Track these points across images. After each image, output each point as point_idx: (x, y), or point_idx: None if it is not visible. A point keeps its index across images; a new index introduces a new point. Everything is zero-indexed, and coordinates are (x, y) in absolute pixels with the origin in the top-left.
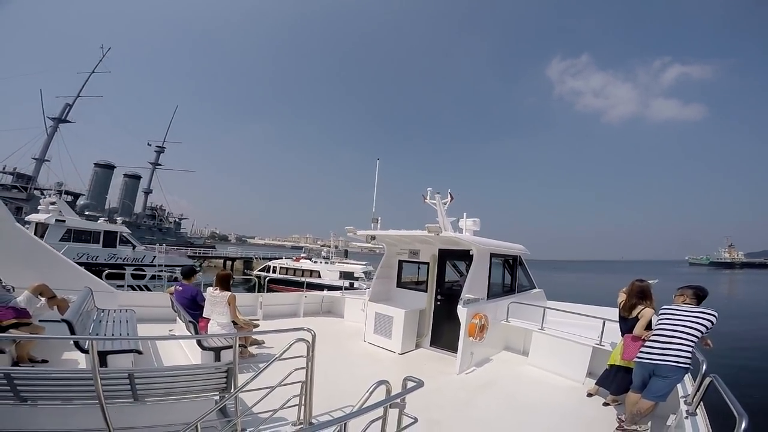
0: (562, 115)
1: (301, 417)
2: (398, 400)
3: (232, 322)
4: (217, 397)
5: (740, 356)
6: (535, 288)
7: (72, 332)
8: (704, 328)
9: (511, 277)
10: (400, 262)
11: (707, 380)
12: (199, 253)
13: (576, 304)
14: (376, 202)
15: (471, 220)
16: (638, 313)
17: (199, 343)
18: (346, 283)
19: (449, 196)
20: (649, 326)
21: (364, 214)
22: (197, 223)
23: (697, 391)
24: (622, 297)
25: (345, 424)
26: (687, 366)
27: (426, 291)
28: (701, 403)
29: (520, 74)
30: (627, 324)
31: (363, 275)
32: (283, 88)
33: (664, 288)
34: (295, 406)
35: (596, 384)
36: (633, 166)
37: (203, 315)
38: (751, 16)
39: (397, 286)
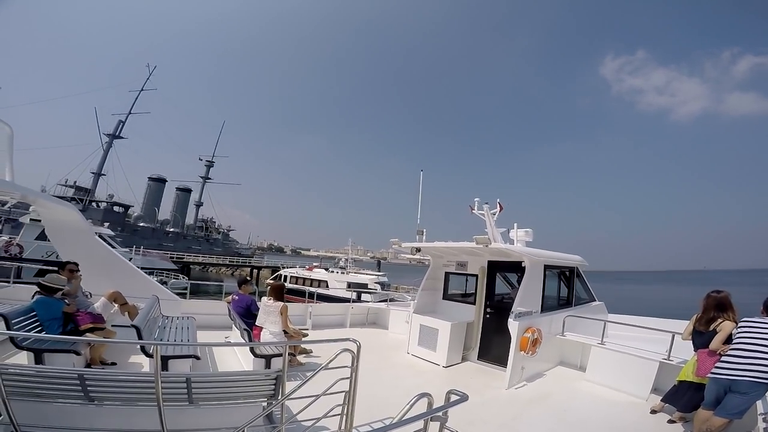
0: (623, 115)
1: (343, 427)
2: (440, 414)
3: (283, 331)
4: (265, 404)
5: None
6: (595, 301)
7: (140, 337)
8: None
9: (567, 289)
10: (447, 274)
11: None
12: (238, 262)
13: (641, 317)
14: (422, 213)
15: (523, 230)
16: (716, 326)
17: (251, 350)
18: (354, 295)
19: (498, 205)
20: (728, 341)
21: (412, 223)
22: (254, 235)
23: None
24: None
25: None
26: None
27: (474, 303)
28: None
29: (569, 75)
30: (702, 338)
31: (377, 286)
32: (333, 98)
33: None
34: (337, 415)
35: (662, 401)
36: (711, 166)
37: (256, 324)
38: None
39: (444, 299)
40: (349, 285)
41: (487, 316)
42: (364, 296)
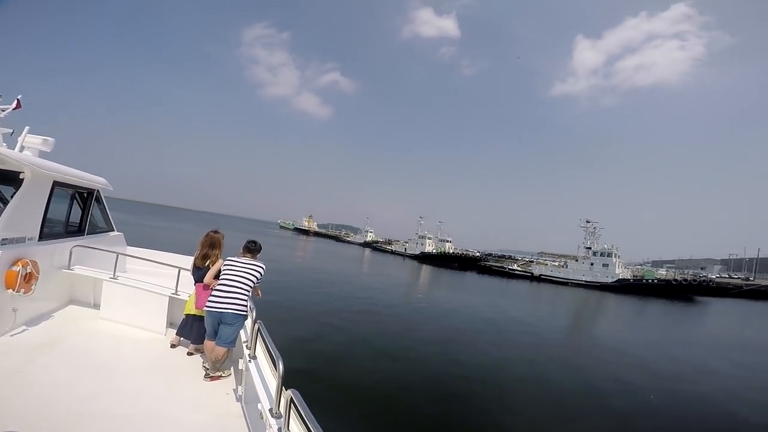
0: (231, 74)
1: None
2: None
3: None
4: None
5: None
6: (113, 231)
7: None
8: (255, 278)
9: (81, 214)
10: None
11: (257, 326)
12: None
13: (159, 252)
14: None
15: (42, 138)
16: (209, 263)
17: None
18: None
19: (16, 102)
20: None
21: None
22: None
23: (252, 336)
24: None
25: None
26: (245, 313)
27: None
28: (257, 346)
29: (221, 21)
30: (200, 273)
31: None
32: None
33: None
34: None
35: (176, 334)
36: (268, 137)
37: None
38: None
39: None
40: None
41: None
42: None
